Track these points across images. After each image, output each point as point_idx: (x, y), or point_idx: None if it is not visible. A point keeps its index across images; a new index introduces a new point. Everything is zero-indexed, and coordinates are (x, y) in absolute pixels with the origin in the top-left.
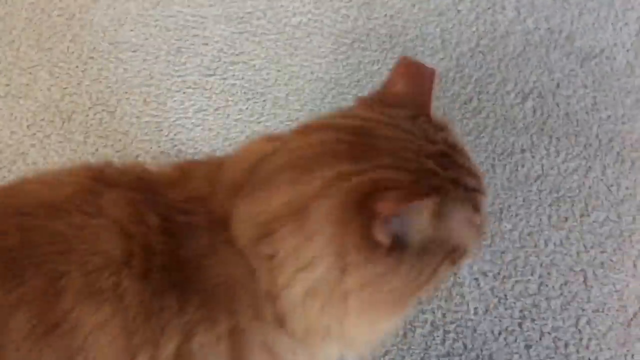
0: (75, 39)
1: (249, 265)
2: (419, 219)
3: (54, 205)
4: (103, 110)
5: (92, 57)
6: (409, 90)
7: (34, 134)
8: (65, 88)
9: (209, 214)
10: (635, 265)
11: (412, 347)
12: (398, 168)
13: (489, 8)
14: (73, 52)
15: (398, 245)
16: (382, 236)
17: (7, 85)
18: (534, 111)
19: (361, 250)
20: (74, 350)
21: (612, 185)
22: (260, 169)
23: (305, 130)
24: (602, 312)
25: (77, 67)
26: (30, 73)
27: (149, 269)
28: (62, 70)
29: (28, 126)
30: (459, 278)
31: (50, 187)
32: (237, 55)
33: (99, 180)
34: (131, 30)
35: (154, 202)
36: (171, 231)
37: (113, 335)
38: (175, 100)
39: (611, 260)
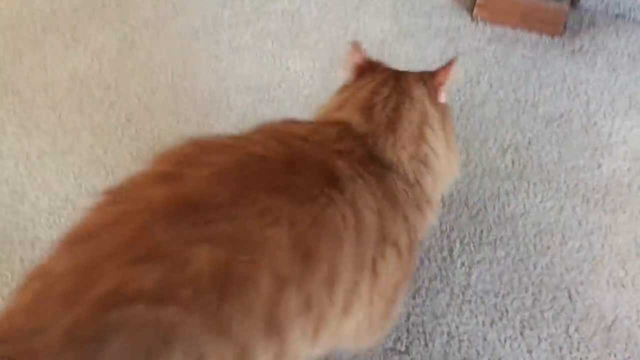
0: (113, 105)
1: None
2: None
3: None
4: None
5: (129, 120)
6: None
7: (81, 184)
8: (107, 146)
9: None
10: (608, 283)
11: (433, 355)
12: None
13: (467, 82)
14: (111, 117)
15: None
16: (443, 97)
17: (52, 144)
18: (513, 162)
19: (438, 113)
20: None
21: (581, 220)
22: (375, 113)
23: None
24: (586, 320)
25: (116, 128)
26: (73, 134)
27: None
28: (103, 131)
29: (75, 178)
30: (467, 296)
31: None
32: (257, 119)
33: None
34: (166, 98)
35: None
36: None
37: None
38: None
39: (588, 280)
